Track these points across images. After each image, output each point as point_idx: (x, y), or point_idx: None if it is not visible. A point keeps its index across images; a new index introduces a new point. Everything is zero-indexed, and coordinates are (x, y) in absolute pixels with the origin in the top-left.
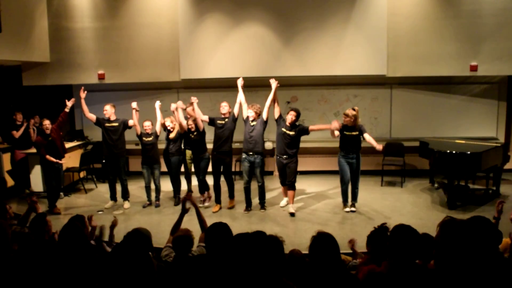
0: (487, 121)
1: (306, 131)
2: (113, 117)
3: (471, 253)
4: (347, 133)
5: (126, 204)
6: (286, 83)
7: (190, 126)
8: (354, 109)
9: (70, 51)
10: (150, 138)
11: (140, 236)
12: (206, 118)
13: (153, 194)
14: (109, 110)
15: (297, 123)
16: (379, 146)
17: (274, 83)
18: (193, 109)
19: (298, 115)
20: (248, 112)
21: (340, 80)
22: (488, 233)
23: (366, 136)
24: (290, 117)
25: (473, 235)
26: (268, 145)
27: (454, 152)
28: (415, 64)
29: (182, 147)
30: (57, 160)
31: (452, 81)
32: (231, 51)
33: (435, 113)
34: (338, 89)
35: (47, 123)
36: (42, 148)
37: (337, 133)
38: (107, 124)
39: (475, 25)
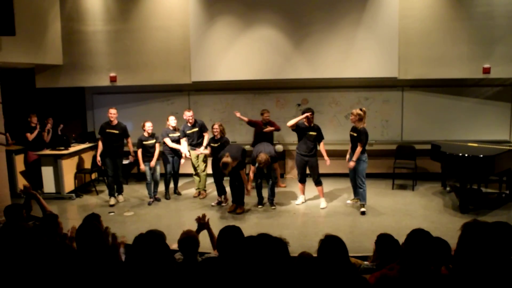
0: (500, 124)
1: (321, 138)
2: (115, 122)
3: (489, 258)
4: (350, 132)
5: (121, 198)
6: (296, 85)
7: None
8: (361, 109)
9: (82, 53)
10: (153, 141)
11: (156, 238)
12: (207, 151)
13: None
14: (114, 114)
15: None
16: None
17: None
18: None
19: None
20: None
21: (351, 82)
22: (510, 240)
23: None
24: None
25: (495, 240)
26: (279, 148)
27: (466, 155)
28: (426, 66)
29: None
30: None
31: (464, 83)
32: (241, 53)
33: (447, 115)
34: (349, 92)
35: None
36: None
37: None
38: (108, 130)
39: (488, 27)
